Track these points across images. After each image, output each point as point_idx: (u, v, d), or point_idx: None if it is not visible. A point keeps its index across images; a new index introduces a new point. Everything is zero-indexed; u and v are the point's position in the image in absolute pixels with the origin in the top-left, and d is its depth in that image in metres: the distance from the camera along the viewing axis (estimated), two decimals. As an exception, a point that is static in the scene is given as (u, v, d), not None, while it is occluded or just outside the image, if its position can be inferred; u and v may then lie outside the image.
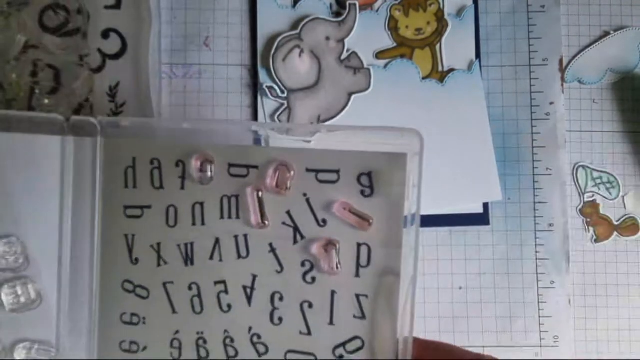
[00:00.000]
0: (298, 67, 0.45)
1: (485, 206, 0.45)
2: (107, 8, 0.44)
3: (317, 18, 0.45)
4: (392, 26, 0.46)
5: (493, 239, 0.46)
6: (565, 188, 0.46)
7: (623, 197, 0.46)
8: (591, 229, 0.46)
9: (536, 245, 0.45)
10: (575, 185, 0.46)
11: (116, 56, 0.44)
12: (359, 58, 0.45)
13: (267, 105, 0.45)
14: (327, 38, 0.45)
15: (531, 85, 0.46)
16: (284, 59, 0.45)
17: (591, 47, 0.46)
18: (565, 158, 0.46)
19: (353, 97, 0.45)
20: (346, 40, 0.45)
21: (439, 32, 0.45)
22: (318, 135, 0.34)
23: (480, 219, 0.45)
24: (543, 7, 0.46)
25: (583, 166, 0.46)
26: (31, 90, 0.43)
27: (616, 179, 0.46)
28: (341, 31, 0.45)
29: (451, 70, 0.45)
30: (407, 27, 0.46)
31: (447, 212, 0.45)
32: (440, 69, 0.46)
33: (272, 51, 0.45)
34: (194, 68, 0.46)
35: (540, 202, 0.46)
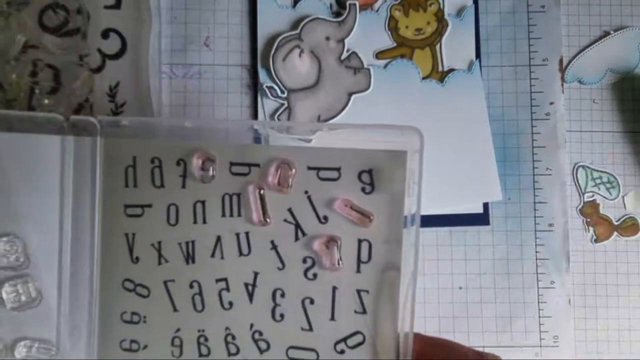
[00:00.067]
0: (298, 67, 0.45)
1: (485, 206, 0.45)
2: (107, 8, 0.44)
3: (317, 18, 0.45)
4: (392, 26, 0.46)
5: (493, 239, 0.46)
6: (565, 188, 0.46)
7: (623, 197, 0.46)
8: (591, 229, 0.46)
9: (536, 245, 0.45)
10: (575, 185, 0.46)
11: (116, 56, 0.44)
12: (359, 58, 0.45)
13: (267, 105, 0.45)
14: (327, 38, 0.45)
15: (531, 85, 0.46)
16: (284, 59, 0.45)
17: (591, 47, 0.46)
18: (565, 158, 0.46)
19: (353, 97, 0.45)
20: (346, 40, 0.45)
21: (439, 32, 0.45)
22: (319, 133, 0.34)
23: (480, 219, 0.45)
24: (543, 7, 0.46)
25: (583, 166, 0.46)
26: (31, 90, 0.43)
27: (616, 179, 0.46)
28: (341, 31, 0.45)
29: (451, 70, 0.45)
30: (407, 27, 0.46)
31: (447, 212, 0.45)
32: (440, 69, 0.46)
33: (272, 51, 0.45)
34: (194, 68, 0.46)
35: (540, 202, 0.46)
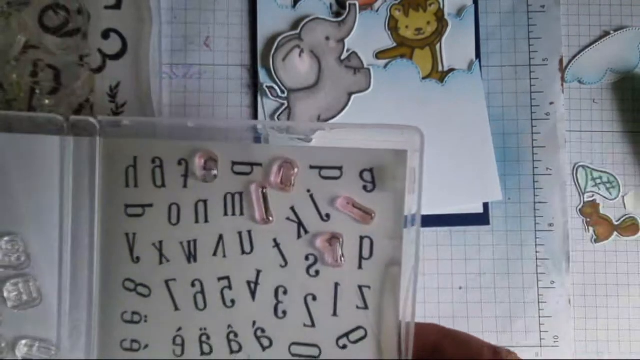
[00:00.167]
0: (298, 67, 0.45)
1: (485, 206, 0.45)
2: (108, 8, 0.44)
3: (317, 18, 0.45)
4: (392, 26, 0.46)
5: (493, 239, 0.46)
6: (565, 188, 0.46)
7: (623, 197, 0.46)
8: (591, 229, 0.46)
9: (536, 245, 0.45)
10: (575, 185, 0.46)
11: (116, 56, 0.44)
12: (359, 58, 0.45)
13: (267, 105, 0.45)
14: (327, 38, 0.45)
15: (531, 85, 0.46)
16: (284, 59, 0.45)
17: (591, 47, 0.46)
18: (565, 158, 0.46)
19: (353, 97, 0.45)
20: (346, 40, 0.45)
21: (439, 32, 0.46)
22: (319, 133, 0.34)
23: (480, 219, 0.45)
24: (543, 7, 0.46)
25: (583, 166, 0.46)
26: (31, 90, 0.43)
27: (616, 179, 0.46)
28: (341, 31, 0.45)
29: (451, 70, 0.45)
30: (407, 27, 0.46)
31: (447, 212, 0.45)
32: (440, 69, 0.46)
33: (272, 51, 0.45)
34: (194, 68, 0.46)
35: (540, 202, 0.46)
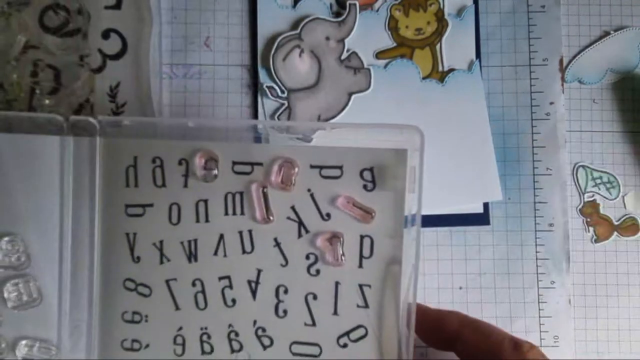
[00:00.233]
0: (298, 67, 0.45)
1: (485, 206, 0.45)
2: (108, 8, 0.44)
3: (317, 18, 0.45)
4: (392, 26, 0.46)
5: (493, 239, 0.46)
6: (565, 188, 0.46)
7: (623, 197, 0.46)
8: (591, 229, 0.46)
9: (536, 245, 0.45)
10: (575, 185, 0.46)
11: (117, 56, 0.44)
12: (359, 58, 0.45)
13: (267, 105, 0.45)
14: (327, 38, 0.45)
15: (531, 85, 0.46)
16: (284, 59, 0.45)
17: (591, 47, 0.46)
18: (565, 158, 0.46)
19: (353, 97, 0.45)
20: (346, 40, 0.45)
21: (439, 32, 0.45)
22: (319, 133, 0.34)
23: (480, 219, 0.45)
24: (543, 7, 0.46)
25: (583, 166, 0.46)
26: (32, 90, 0.43)
27: (616, 179, 0.46)
28: (341, 31, 0.45)
29: (451, 70, 0.45)
30: (407, 27, 0.46)
31: (447, 212, 0.45)
32: (440, 69, 0.46)
33: (272, 51, 0.45)
34: (194, 68, 0.46)
35: (540, 202, 0.46)
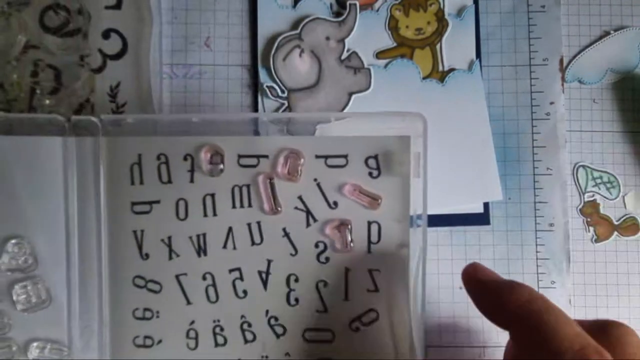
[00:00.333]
0: (298, 67, 0.45)
1: (485, 206, 0.45)
2: (108, 8, 0.44)
3: (317, 18, 0.45)
4: (392, 26, 0.46)
5: (493, 239, 0.46)
6: (565, 188, 0.46)
7: (623, 197, 0.46)
8: (591, 229, 0.46)
9: (536, 245, 0.45)
10: (575, 185, 0.46)
11: (117, 56, 0.44)
12: (359, 58, 0.45)
13: (268, 105, 0.45)
14: (327, 38, 0.45)
15: (531, 85, 0.46)
16: (284, 59, 0.45)
17: (591, 47, 0.46)
18: (565, 158, 0.46)
19: (353, 97, 0.45)
20: (346, 40, 0.45)
21: (439, 32, 0.46)
22: (321, 125, 0.34)
23: (480, 219, 0.45)
24: (543, 7, 0.46)
25: (583, 166, 0.46)
26: (32, 90, 0.43)
27: (616, 179, 0.46)
28: (341, 31, 0.45)
29: (451, 70, 0.45)
30: (407, 27, 0.46)
31: (447, 212, 0.45)
32: (440, 69, 0.46)
33: (272, 51, 0.45)
34: (195, 68, 0.46)
35: (540, 202, 0.46)
